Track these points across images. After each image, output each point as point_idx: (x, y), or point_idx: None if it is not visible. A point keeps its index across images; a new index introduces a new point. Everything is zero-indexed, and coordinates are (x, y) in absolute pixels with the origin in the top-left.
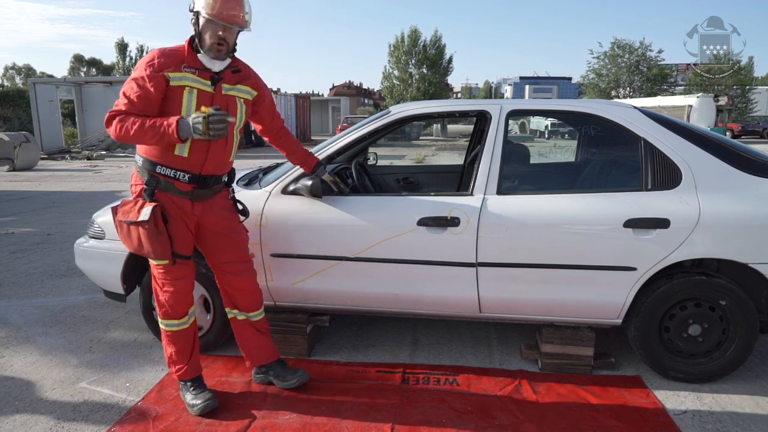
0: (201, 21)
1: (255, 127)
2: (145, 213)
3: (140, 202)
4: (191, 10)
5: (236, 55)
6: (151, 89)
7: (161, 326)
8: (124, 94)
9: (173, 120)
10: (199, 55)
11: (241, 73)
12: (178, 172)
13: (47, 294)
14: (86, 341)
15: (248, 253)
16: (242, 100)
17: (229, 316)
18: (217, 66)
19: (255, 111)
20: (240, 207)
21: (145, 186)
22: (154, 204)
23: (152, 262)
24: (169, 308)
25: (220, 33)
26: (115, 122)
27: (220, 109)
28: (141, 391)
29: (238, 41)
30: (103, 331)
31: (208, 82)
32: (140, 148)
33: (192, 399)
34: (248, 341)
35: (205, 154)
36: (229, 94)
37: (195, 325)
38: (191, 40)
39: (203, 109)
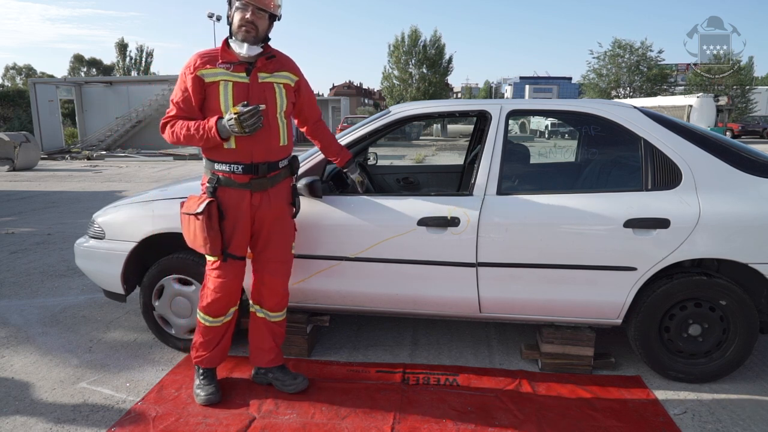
0: (233, 7)
1: (294, 119)
2: (201, 206)
3: (203, 197)
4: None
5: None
6: (190, 91)
7: (197, 314)
8: (171, 100)
9: (212, 122)
10: (230, 41)
11: (276, 59)
12: (232, 165)
13: (47, 294)
14: (86, 341)
15: (290, 252)
16: (281, 85)
17: (250, 310)
18: (245, 49)
19: (294, 99)
20: (294, 200)
21: (207, 184)
22: (210, 199)
23: (207, 259)
24: (207, 303)
25: (248, 16)
26: (167, 129)
27: (248, 104)
28: (141, 391)
29: (272, 33)
30: (103, 331)
31: (243, 74)
32: (203, 152)
33: (198, 388)
34: (259, 340)
35: (251, 143)
36: (266, 81)
37: (229, 323)
38: (227, 38)
39: (233, 109)
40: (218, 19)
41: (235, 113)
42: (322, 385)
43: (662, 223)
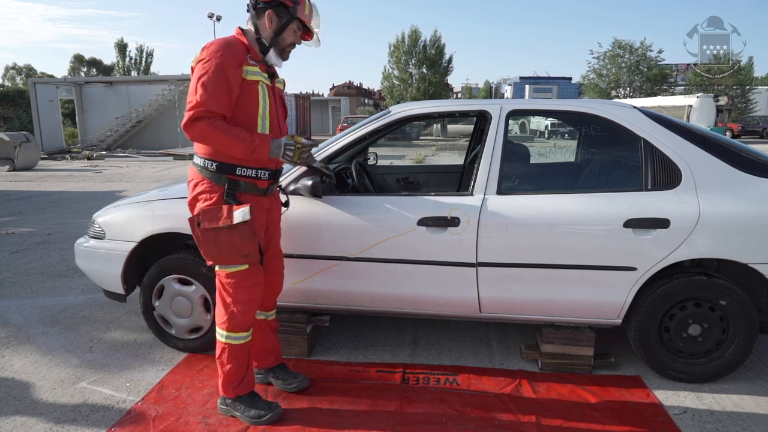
0: (287, 25)
1: None
2: (245, 213)
3: (225, 206)
4: (267, 2)
5: None
6: (233, 84)
7: (224, 341)
8: (206, 89)
9: (266, 139)
10: (271, 51)
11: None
12: (260, 171)
13: (47, 294)
14: (86, 341)
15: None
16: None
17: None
18: (280, 64)
19: None
20: (284, 199)
21: (227, 190)
22: (248, 205)
23: (225, 271)
24: (241, 320)
25: (299, 39)
26: (202, 124)
27: (309, 137)
28: (141, 391)
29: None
30: (103, 331)
31: (266, 76)
32: (212, 153)
33: (255, 411)
34: (261, 342)
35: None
36: (277, 86)
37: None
38: (243, 31)
39: (296, 138)
40: (218, 19)
41: (299, 144)
42: (322, 385)
43: (662, 223)
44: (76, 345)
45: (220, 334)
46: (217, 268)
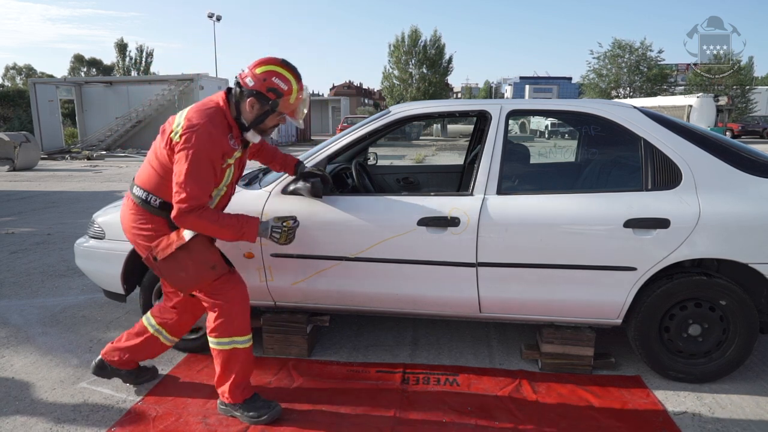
0: (270, 112)
1: None
2: (189, 231)
3: (172, 233)
4: (251, 88)
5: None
6: (217, 172)
7: (228, 347)
8: (196, 182)
9: (254, 224)
10: (247, 134)
11: None
12: None
13: (47, 294)
14: (86, 341)
15: None
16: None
17: (154, 334)
18: (257, 140)
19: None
20: None
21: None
22: None
23: (204, 287)
24: (242, 319)
25: (282, 123)
26: (193, 218)
27: (296, 218)
28: (141, 391)
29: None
30: (103, 331)
31: (241, 148)
32: (155, 188)
33: (255, 410)
34: (145, 352)
35: (226, 201)
36: (245, 154)
37: None
38: (228, 101)
39: (287, 223)
40: (218, 19)
41: (285, 228)
42: (322, 385)
43: (662, 223)
44: (76, 345)
45: (222, 343)
46: (195, 293)
